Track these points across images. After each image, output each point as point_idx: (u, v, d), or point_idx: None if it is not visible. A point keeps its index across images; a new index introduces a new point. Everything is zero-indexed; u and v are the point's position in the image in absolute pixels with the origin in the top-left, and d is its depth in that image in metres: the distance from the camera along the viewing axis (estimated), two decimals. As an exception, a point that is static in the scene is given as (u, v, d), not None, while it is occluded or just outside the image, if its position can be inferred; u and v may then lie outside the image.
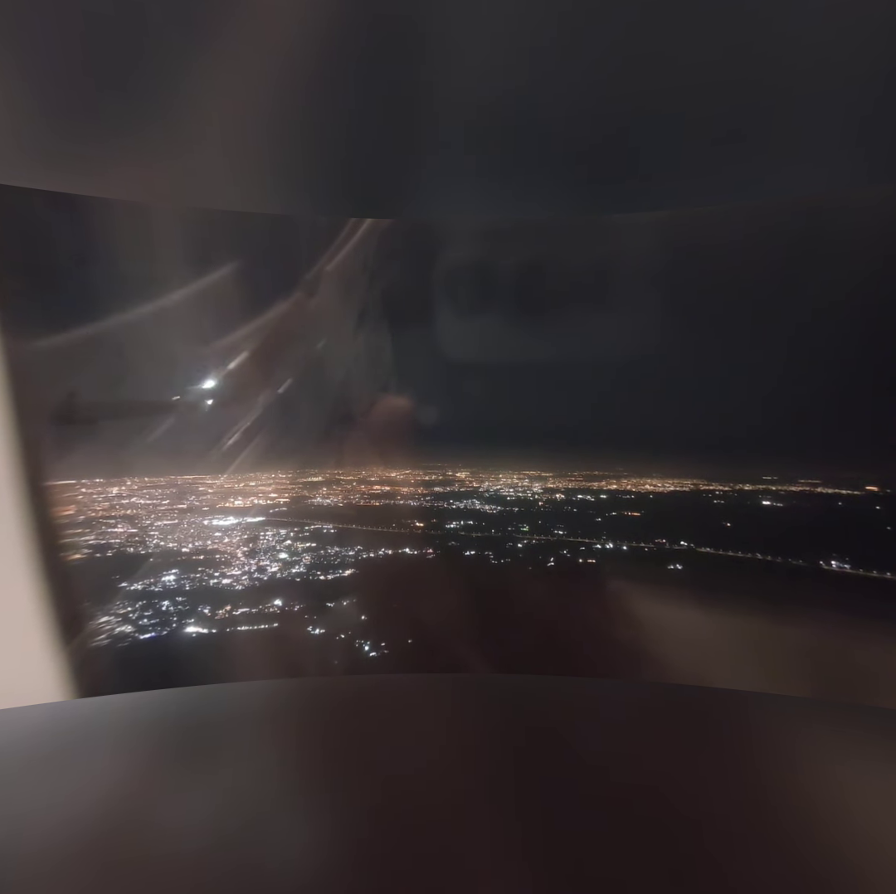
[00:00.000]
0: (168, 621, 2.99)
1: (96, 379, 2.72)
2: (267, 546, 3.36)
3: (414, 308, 3.12)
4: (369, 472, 3.63)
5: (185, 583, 3.11)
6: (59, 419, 2.56)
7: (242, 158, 1.57)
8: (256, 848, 0.90)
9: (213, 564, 3.23)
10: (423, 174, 1.70)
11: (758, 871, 0.88)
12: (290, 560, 3.32)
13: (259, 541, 3.37)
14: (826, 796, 1.04)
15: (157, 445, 2.87)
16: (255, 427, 3.03)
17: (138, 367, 2.83)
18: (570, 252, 2.98)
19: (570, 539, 3.33)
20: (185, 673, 3.02)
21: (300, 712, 1.38)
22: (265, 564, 3.29)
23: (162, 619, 2.99)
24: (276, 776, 1.11)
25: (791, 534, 3.06)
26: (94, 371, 2.70)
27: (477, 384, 3.22)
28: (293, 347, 3.10)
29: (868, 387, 2.75)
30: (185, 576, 3.14)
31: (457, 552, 3.44)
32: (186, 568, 3.17)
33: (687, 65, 1.16)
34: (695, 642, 2.62)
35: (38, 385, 2.37)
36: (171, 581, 3.11)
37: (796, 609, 2.64)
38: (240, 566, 3.26)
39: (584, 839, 0.93)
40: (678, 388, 3.11)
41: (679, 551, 3.14)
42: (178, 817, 0.98)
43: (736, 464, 3.22)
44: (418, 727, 1.27)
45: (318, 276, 2.99)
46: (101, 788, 1.06)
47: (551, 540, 3.37)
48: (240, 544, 3.36)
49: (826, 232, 2.56)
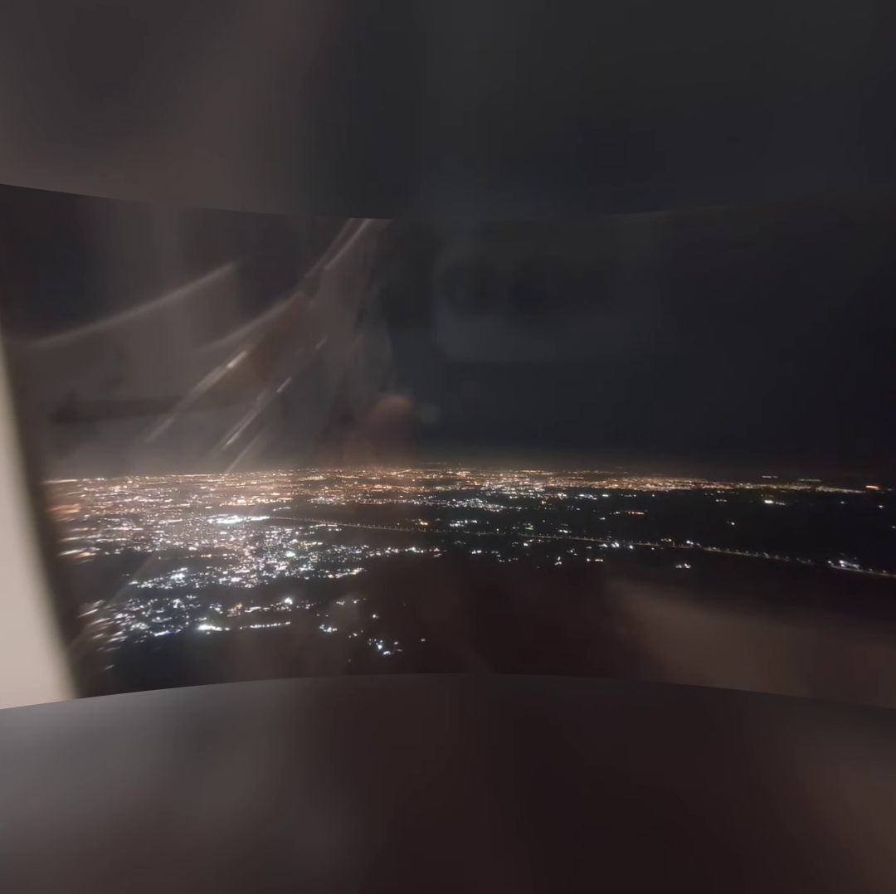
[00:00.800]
0: (180, 619, 3.01)
1: (96, 378, 2.73)
2: (273, 544, 3.38)
3: (416, 308, 3.12)
4: (370, 471, 3.63)
5: (195, 582, 3.13)
6: (60, 418, 2.57)
7: (239, 158, 1.58)
8: (281, 837, 0.91)
9: (220, 563, 3.26)
10: (422, 174, 1.71)
11: (759, 872, 0.89)
12: (297, 558, 3.34)
13: (265, 539, 3.39)
14: (832, 798, 1.04)
15: (159, 445, 2.87)
16: (256, 426, 3.03)
17: (139, 367, 2.83)
18: (572, 252, 2.98)
19: (575, 538, 3.34)
20: (199, 670, 3.04)
21: (311, 710, 1.39)
22: (273, 563, 3.31)
23: (175, 617, 3.02)
24: (301, 772, 1.12)
25: (796, 533, 3.07)
26: (94, 370, 2.70)
27: (478, 383, 3.22)
28: (293, 346, 3.11)
29: (868, 386, 2.75)
30: (193, 575, 3.16)
31: (463, 551, 3.45)
32: (195, 566, 3.20)
33: (685, 64, 1.16)
34: (708, 643, 2.62)
35: (38, 383, 2.37)
36: (180, 579, 3.13)
37: (808, 608, 2.64)
38: (248, 564, 3.28)
39: (586, 839, 0.93)
40: (678, 388, 3.12)
41: (685, 550, 3.15)
42: (206, 812, 0.99)
43: (736, 464, 3.23)
44: (426, 726, 1.28)
45: (318, 275, 2.99)
46: (130, 783, 1.08)
47: (556, 539, 3.38)
48: (246, 543, 3.37)
49: (827, 232, 2.57)
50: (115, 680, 2.65)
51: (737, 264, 2.88)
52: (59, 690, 2.05)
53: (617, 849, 0.92)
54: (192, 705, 1.42)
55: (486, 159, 1.58)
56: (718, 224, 2.62)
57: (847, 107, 1.31)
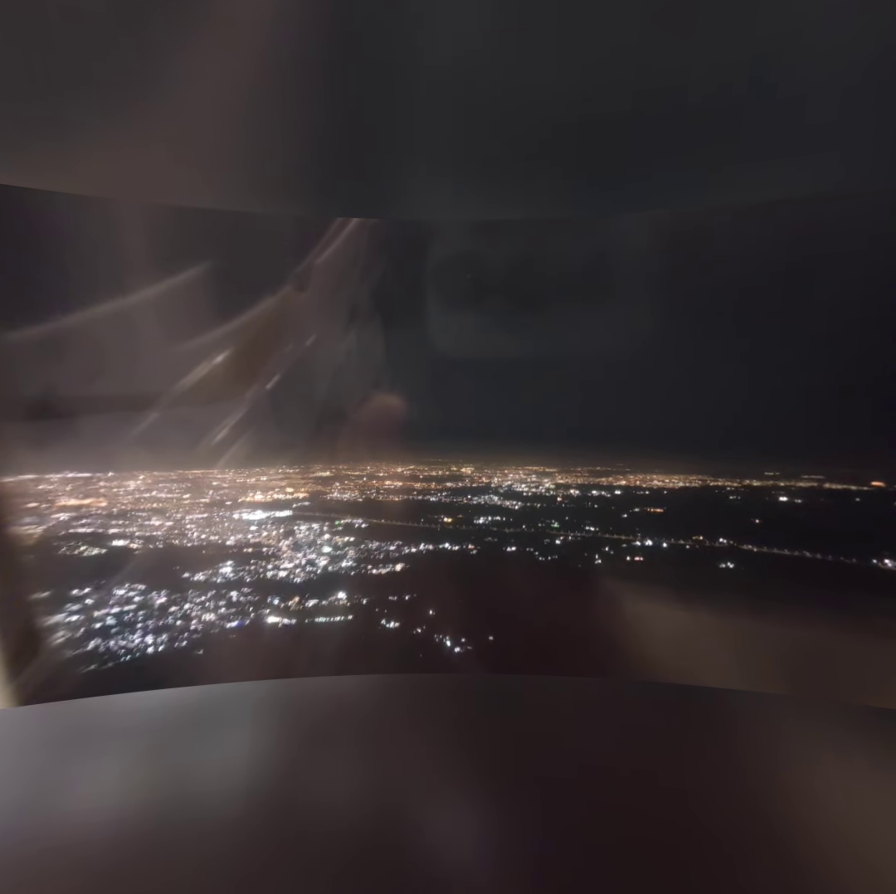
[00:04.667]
0: (244, 611, 3.10)
1: (76, 372, 2.73)
2: (307, 540, 3.44)
3: (417, 308, 3.14)
4: (375, 468, 3.67)
5: (244, 575, 3.22)
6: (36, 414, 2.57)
7: (219, 156, 1.59)
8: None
9: (262, 557, 3.34)
10: (408, 174, 1.71)
11: (760, 874, 0.91)
12: (335, 554, 3.40)
13: (297, 534, 3.45)
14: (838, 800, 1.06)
15: (148, 440, 2.90)
16: (250, 423, 3.05)
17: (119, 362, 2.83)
18: (573, 250, 2.98)
19: (605, 536, 3.34)
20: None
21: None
22: (312, 557, 3.37)
23: (238, 609, 3.10)
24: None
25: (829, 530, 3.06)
26: (72, 364, 2.71)
27: (473, 380, 3.24)
28: (285, 344, 3.11)
29: (868, 384, 2.75)
30: (241, 568, 3.24)
31: (497, 548, 3.46)
32: (240, 560, 3.28)
33: (682, 63, 1.17)
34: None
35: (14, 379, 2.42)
36: (228, 573, 3.22)
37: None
38: (289, 559, 3.35)
39: (593, 841, 0.96)
40: (684, 386, 3.13)
41: (722, 549, 3.12)
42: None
43: (737, 460, 3.24)
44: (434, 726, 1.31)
45: (311, 274, 2.99)
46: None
47: (586, 536, 3.38)
48: (280, 538, 3.44)
49: (828, 231, 2.56)
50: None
51: (739, 265, 2.88)
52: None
53: (621, 851, 0.95)
54: (306, 696, 1.46)
55: (469, 159, 1.59)
56: (722, 223, 2.62)
57: (846, 106, 1.32)
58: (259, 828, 0.99)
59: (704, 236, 2.73)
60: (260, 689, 1.50)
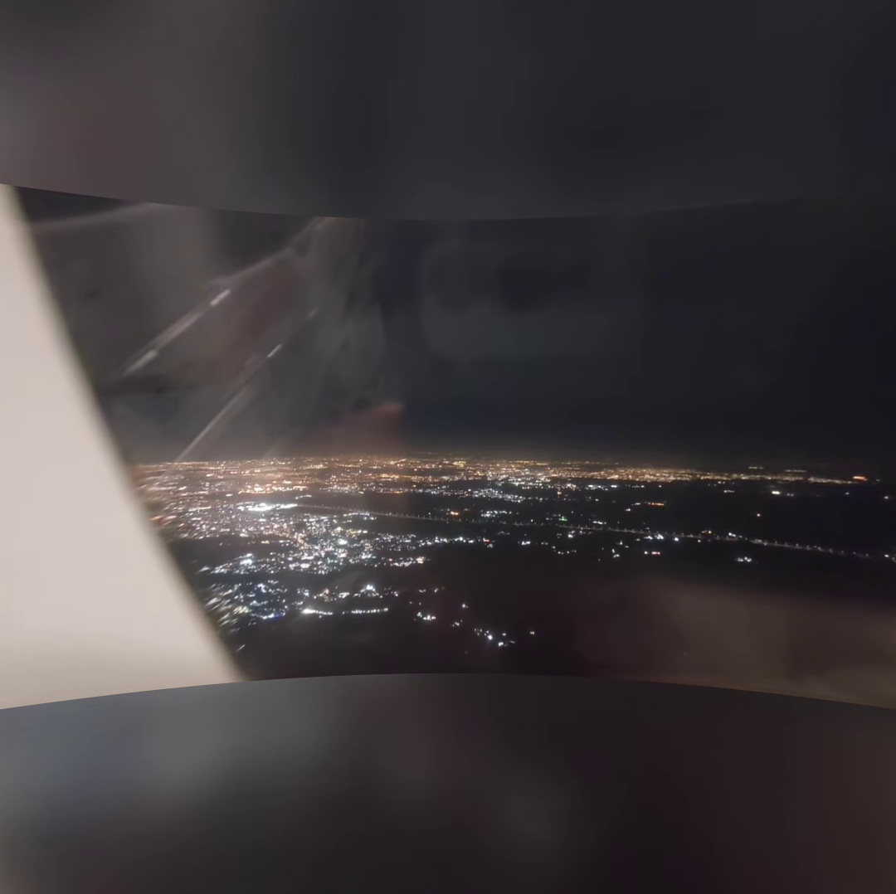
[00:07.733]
0: (278, 604, 3.11)
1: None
2: (319, 532, 3.44)
3: (418, 305, 3.15)
4: (368, 461, 3.67)
5: (267, 568, 3.22)
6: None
7: (211, 155, 1.58)
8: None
9: (280, 549, 3.33)
10: (402, 173, 1.72)
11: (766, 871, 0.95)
12: (351, 546, 3.41)
13: (308, 527, 3.45)
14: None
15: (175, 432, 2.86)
16: (269, 417, 3.03)
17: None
18: (568, 247, 3.02)
19: (615, 530, 3.36)
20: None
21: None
22: (330, 550, 3.38)
23: (271, 601, 3.11)
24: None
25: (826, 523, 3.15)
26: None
27: (463, 374, 3.29)
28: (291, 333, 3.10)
29: (868, 382, 2.83)
30: (261, 561, 3.24)
31: (512, 542, 3.48)
32: (259, 552, 3.27)
33: (676, 65, 1.21)
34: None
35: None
36: (249, 565, 3.20)
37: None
38: (307, 551, 3.35)
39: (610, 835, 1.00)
40: (678, 379, 3.19)
41: (733, 543, 3.18)
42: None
43: (722, 454, 3.32)
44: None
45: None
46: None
47: (597, 530, 3.41)
48: (292, 530, 3.42)
49: (829, 230, 2.63)
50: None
51: (732, 262, 2.95)
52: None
53: (624, 850, 0.98)
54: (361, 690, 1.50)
55: (463, 158, 1.61)
56: (722, 223, 2.67)
57: (843, 106, 1.37)
58: (335, 812, 1.05)
59: (702, 233, 2.78)
60: (317, 685, 1.51)
